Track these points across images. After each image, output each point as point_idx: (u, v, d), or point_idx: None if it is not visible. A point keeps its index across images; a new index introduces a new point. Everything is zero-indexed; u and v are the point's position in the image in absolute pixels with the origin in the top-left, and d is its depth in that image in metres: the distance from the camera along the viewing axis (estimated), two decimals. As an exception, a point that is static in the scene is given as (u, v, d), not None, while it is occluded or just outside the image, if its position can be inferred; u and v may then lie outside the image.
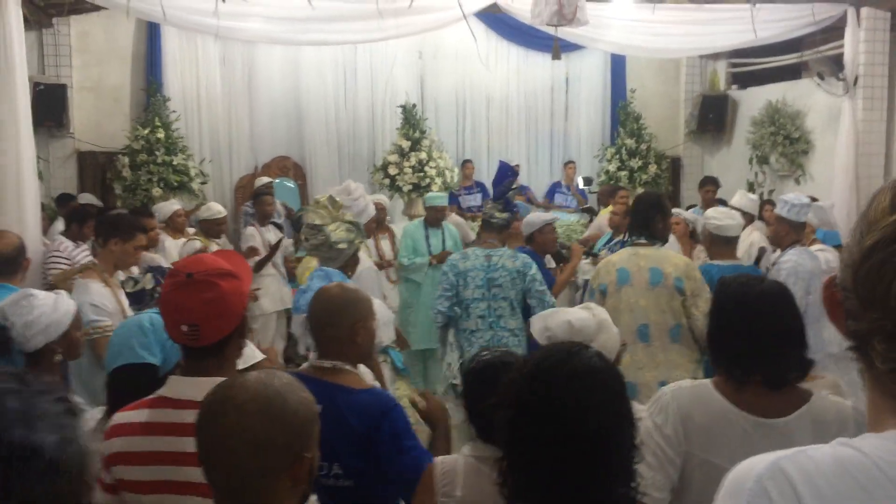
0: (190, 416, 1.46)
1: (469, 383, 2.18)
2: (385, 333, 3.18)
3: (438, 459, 2.13)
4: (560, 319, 2.64)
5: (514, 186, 4.92)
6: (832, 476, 0.79)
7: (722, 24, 7.84)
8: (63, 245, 5.80)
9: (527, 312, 4.50)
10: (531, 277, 4.47)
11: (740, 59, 9.64)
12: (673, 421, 1.99)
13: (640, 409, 2.32)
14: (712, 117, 9.86)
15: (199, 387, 1.60)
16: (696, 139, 10.33)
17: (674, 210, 6.52)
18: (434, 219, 6.93)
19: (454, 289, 4.59)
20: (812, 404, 1.95)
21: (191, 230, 7.10)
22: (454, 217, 7.85)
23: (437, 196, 7.25)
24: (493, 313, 4.50)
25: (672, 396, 2.03)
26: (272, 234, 7.18)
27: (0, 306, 2.65)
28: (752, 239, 6.47)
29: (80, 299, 3.44)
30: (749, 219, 6.54)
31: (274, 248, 6.87)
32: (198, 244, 6.27)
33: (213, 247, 6.43)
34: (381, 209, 6.91)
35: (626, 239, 4.23)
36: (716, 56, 9.86)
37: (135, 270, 4.40)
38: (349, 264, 3.96)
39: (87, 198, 8.22)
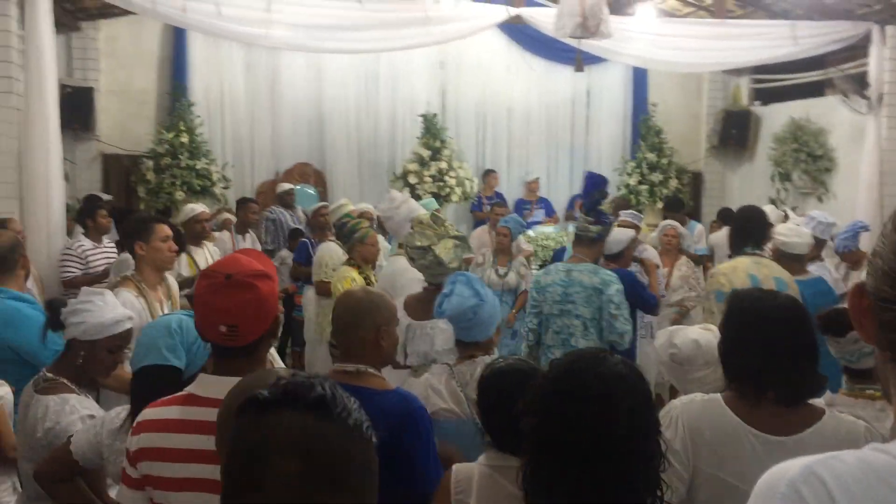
0: None
1: (483, 392, 2.16)
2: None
3: (455, 467, 2.11)
4: (687, 337, 2.57)
5: (605, 197, 4.72)
6: (865, 480, 0.79)
7: (746, 40, 7.83)
8: (79, 245, 5.71)
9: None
10: (607, 298, 4.15)
11: (763, 75, 9.60)
12: (682, 436, 1.96)
13: None
14: (734, 133, 9.82)
15: (229, 386, 1.62)
16: (717, 155, 10.29)
17: (669, 222, 6.65)
18: None
19: (539, 305, 4.38)
20: (824, 422, 1.92)
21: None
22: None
23: (429, 202, 6.97)
24: (566, 330, 4.25)
25: (681, 410, 2.00)
26: (248, 243, 7.07)
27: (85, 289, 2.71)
28: None
29: None
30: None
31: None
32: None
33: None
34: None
35: (738, 249, 4.15)
36: (738, 72, 9.83)
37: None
38: None
39: (104, 197, 8.31)
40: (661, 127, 10.00)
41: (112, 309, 2.65)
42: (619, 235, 4.88)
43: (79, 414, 2.51)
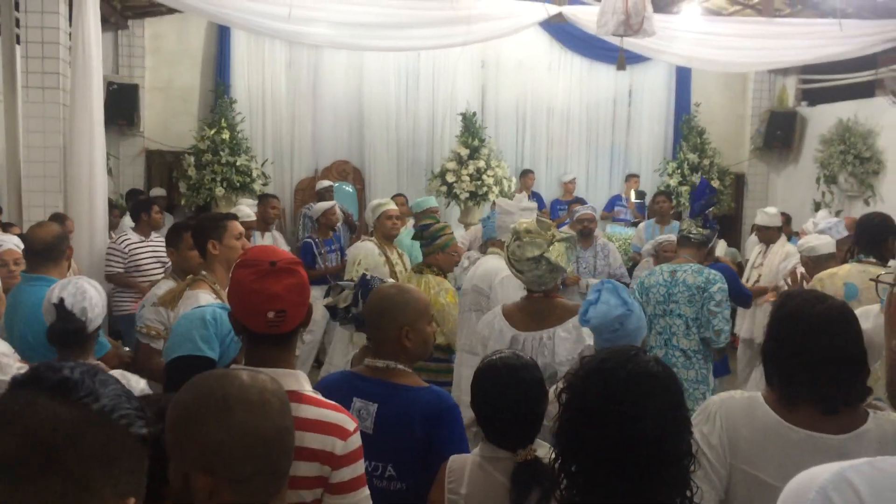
0: None
1: (476, 385, 2.16)
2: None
3: (451, 458, 2.15)
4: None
5: (713, 204, 4.71)
6: None
7: (793, 39, 7.66)
8: (124, 239, 5.87)
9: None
10: (709, 295, 4.10)
11: (811, 75, 9.39)
12: (719, 431, 1.91)
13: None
14: (780, 134, 9.62)
15: (265, 377, 1.62)
16: (761, 156, 10.10)
17: (666, 237, 6.36)
18: None
19: (642, 307, 4.32)
20: (871, 424, 1.84)
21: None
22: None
23: (427, 199, 6.94)
24: (668, 331, 4.19)
25: (720, 405, 1.95)
26: (269, 241, 7.06)
27: (59, 301, 2.65)
28: (786, 251, 6.43)
29: None
30: (776, 232, 6.60)
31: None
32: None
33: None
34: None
35: (851, 256, 4.14)
36: (785, 71, 9.64)
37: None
38: None
39: (158, 191, 8.48)
40: (704, 127, 9.84)
41: (85, 281, 2.70)
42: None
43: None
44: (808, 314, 1.93)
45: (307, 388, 1.89)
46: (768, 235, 6.56)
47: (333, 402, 1.91)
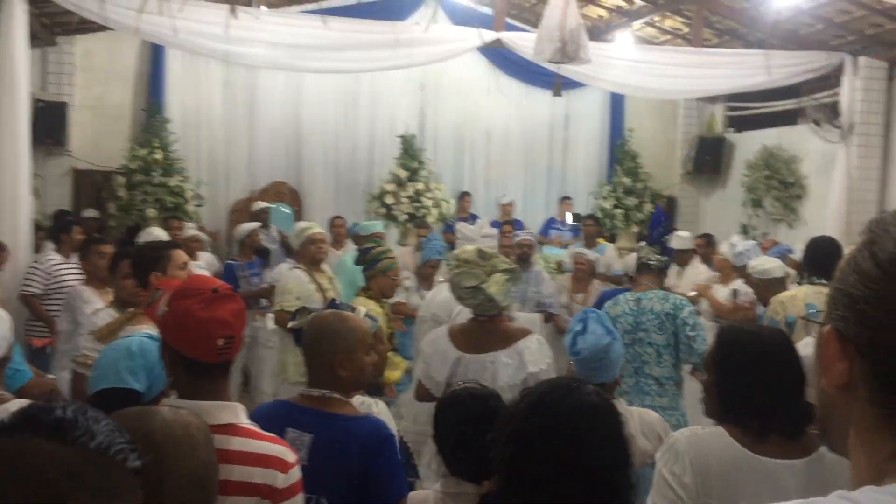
0: None
1: (439, 417, 2.13)
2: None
3: (411, 494, 2.11)
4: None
5: (669, 231, 4.77)
6: None
7: (721, 69, 7.94)
8: (47, 259, 5.68)
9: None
10: (681, 321, 4.10)
11: (737, 102, 9.74)
12: (691, 469, 1.90)
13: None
14: (708, 159, 9.93)
15: (202, 412, 1.57)
16: (691, 180, 10.39)
17: (577, 250, 6.85)
18: None
19: None
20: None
21: None
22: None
23: (373, 224, 6.92)
24: (639, 359, 4.15)
25: (688, 444, 1.94)
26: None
27: None
28: (698, 271, 6.74)
29: None
30: (690, 255, 6.93)
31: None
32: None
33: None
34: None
35: (806, 279, 4.27)
36: (713, 99, 9.96)
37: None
38: None
39: (90, 213, 8.20)
40: (637, 152, 10.08)
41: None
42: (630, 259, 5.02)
43: None
44: (758, 341, 1.99)
45: (245, 421, 1.85)
46: (683, 258, 6.84)
47: (272, 434, 1.88)
